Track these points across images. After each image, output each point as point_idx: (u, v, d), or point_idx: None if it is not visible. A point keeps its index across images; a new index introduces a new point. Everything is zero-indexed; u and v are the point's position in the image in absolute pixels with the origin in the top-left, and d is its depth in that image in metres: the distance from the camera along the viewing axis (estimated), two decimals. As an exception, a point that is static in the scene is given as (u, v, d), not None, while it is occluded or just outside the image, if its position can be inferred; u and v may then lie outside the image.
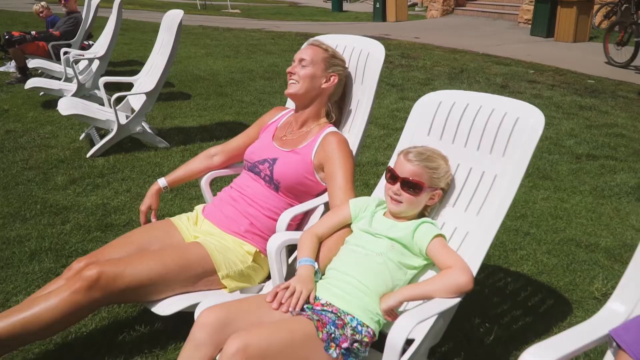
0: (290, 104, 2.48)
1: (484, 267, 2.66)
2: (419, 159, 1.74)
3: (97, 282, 1.74)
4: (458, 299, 1.58)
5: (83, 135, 4.49)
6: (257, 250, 2.06)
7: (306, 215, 2.20)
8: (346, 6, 20.99)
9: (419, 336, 1.61)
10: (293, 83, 2.17)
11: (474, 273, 1.63)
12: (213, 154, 2.43)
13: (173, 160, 4.02)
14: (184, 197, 3.39)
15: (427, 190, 1.76)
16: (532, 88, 7.02)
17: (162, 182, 2.37)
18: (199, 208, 2.27)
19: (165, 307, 1.86)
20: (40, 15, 7.55)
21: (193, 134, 4.72)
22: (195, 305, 1.75)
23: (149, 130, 4.37)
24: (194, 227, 2.15)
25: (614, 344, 1.31)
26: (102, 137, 4.25)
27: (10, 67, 7.29)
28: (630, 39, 8.32)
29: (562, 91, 6.92)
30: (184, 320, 1.79)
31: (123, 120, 4.15)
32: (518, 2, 13.62)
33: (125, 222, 3.01)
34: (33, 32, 6.92)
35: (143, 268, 1.83)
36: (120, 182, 3.60)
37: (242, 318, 1.53)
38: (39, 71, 6.63)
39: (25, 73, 6.65)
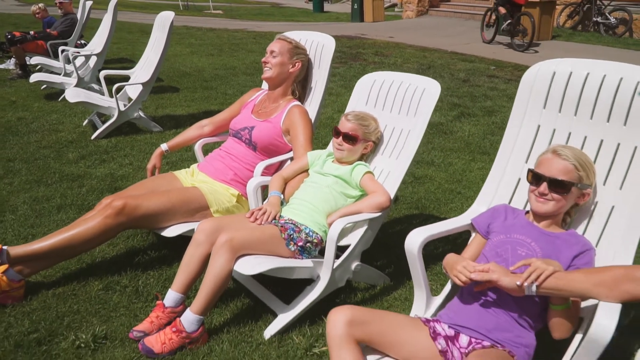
0: (265, 85, 3.14)
1: (419, 215, 3.38)
2: (355, 119, 2.43)
3: (123, 209, 2.40)
4: (379, 213, 2.26)
5: (86, 121, 5.11)
6: (240, 193, 2.73)
7: (277, 169, 2.87)
8: (327, 7, 21.40)
9: (353, 241, 2.30)
10: (267, 69, 2.85)
11: (392, 196, 2.30)
12: (204, 125, 3.10)
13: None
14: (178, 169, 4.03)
15: (361, 141, 2.44)
16: (490, 82, 7.74)
17: (164, 146, 3.03)
18: (194, 165, 2.93)
19: (171, 231, 2.51)
20: (37, 15, 8.11)
21: (183, 121, 5.36)
22: (192, 230, 2.41)
23: (144, 116, 5.00)
24: (191, 177, 2.81)
25: (475, 230, 2.00)
26: (103, 122, 4.86)
27: (10, 64, 7.86)
28: (499, 22, 10.96)
29: (517, 84, 7.59)
30: (183, 246, 2.40)
31: (123, 107, 4.78)
32: (488, 3, 14.39)
33: (131, 187, 3.64)
34: (32, 32, 7.50)
35: (155, 202, 2.49)
36: (123, 157, 4.24)
37: (229, 226, 2.20)
38: (37, 67, 7.22)
39: (25, 69, 7.23)
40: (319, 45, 2.94)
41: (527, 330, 1.67)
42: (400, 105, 2.50)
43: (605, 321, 1.45)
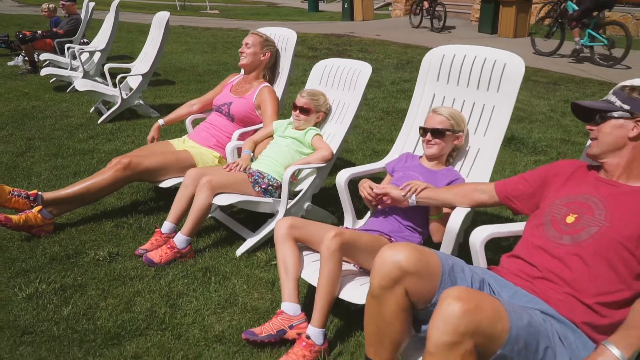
0: (242, 71, 3.85)
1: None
2: (308, 95, 3.15)
3: (129, 165, 3.11)
4: (324, 164, 2.98)
5: (92, 108, 5.83)
6: (221, 156, 3.44)
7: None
8: (322, 6, 21.75)
9: (305, 186, 3.02)
10: (243, 58, 3.57)
11: (334, 152, 3.01)
12: (193, 104, 3.83)
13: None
14: (173, 146, 4.74)
15: (313, 112, 3.16)
16: (461, 75, 8.41)
17: (160, 121, 3.76)
18: (185, 136, 3.64)
19: (167, 183, 3.23)
20: (44, 13, 8.79)
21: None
22: (183, 182, 3.12)
23: (144, 104, 5.71)
24: (182, 144, 3.52)
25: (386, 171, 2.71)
26: (108, 109, 5.57)
27: (18, 61, 8.56)
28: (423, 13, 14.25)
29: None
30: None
31: (125, 96, 5.50)
32: (471, 2, 15.09)
33: (134, 158, 4.35)
34: (39, 31, 8.21)
35: (154, 160, 3.20)
36: (126, 137, 4.95)
37: (209, 172, 2.92)
38: (45, 63, 7.91)
39: (35, 65, 7.94)
40: (284, 38, 3.66)
41: (414, 234, 2.38)
42: (344, 83, 3.22)
43: (456, 217, 2.16)
